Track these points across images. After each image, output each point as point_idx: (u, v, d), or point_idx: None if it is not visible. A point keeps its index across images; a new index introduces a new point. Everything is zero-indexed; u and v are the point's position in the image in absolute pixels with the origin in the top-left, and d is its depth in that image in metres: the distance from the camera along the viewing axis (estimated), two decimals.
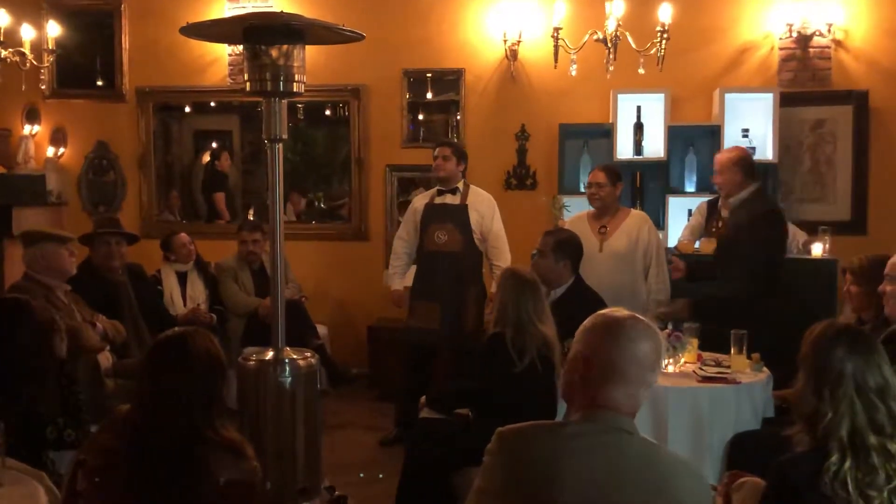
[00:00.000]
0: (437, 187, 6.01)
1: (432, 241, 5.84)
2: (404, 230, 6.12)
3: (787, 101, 6.87)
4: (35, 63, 6.04)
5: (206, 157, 8.26)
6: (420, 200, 6.08)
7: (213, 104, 8.03)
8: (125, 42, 7.72)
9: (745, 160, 5.15)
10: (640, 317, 2.20)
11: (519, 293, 4.07)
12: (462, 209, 5.83)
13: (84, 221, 7.18)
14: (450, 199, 5.90)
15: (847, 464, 2.27)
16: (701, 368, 4.45)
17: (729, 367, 4.43)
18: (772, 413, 4.31)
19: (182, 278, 6.41)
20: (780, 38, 7.01)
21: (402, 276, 6.14)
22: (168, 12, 7.35)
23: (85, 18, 7.74)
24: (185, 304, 6.30)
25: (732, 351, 4.44)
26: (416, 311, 5.92)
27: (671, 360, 4.40)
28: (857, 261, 4.17)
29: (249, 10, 7.21)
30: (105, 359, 4.73)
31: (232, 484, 2.39)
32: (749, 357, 4.45)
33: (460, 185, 5.92)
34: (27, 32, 5.95)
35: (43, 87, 7.16)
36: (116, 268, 5.33)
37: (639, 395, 2.14)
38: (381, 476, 5.05)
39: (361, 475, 5.21)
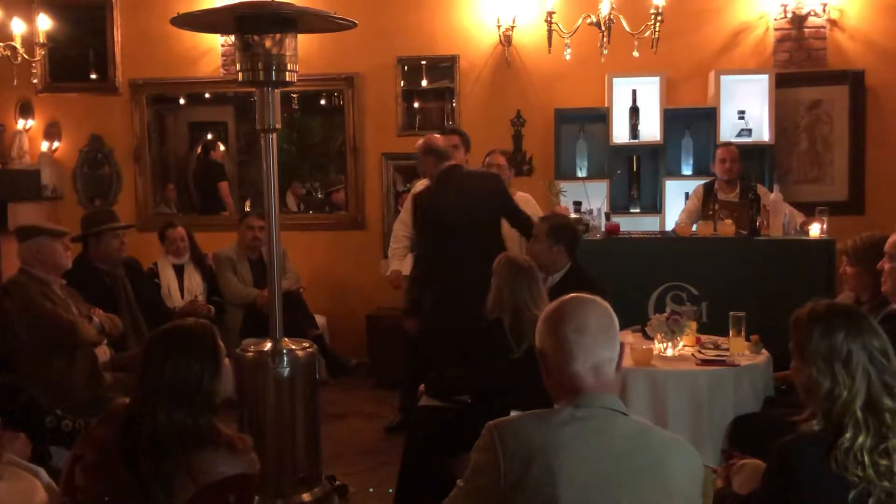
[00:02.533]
0: None
1: None
2: (405, 214, 6.15)
3: (783, 81, 6.87)
4: (26, 57, 5.99)
5: (199, 149, 8.25)
6: (419, 185, 6.09)
7: (207, 95, 8.00)
8: (117, 34, 7.68)
9: (427, 145, 5.39)
10: (583, 295, 2.23)
11: (514, 279, 4.06)
12: None
13: (80, 215, 7.15)
14: None
15: (861, 437, 2.28)
16: (700, 351, 4.45)
17: (728, 349, 4.43)
18: (772, 394, 4.31)
19: (179, 271, 6.40)
20: (775, 19, 6.98)
21: (401, 259, 6.16)
22: (160, 3, 7.28)
23: (76, 11, 7.68)
24: (182, 297, 6.30)
25: (731, 333, 4.44)
26: (409, 293, 5.97)
27: (669, 344, 4.39)
28: (851, 242, 4.17)
29: None
30: (103, 352, 4.71)
31: (229, 476, 2.38)
32: (748, 339, 4.45)
33: None
34: (17, 26, 5.90)
35: (35, 81, 7.13)
36: (122, 260, 5.32)
37: (605, 368, 2.14)
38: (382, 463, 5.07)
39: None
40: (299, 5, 3.75)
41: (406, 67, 7.47)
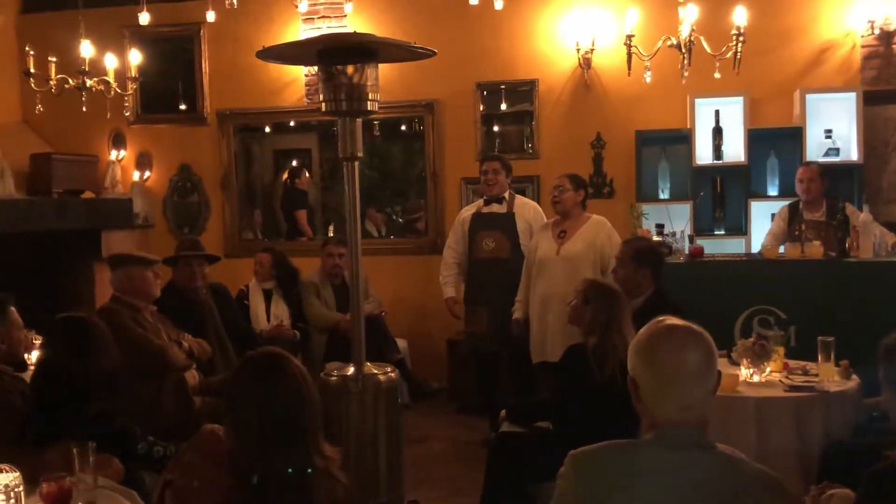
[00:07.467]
0: (485, 198, 6.19)
1: (480, 248, 6.05)
2: (452, 239, 6.33)
3: (871, 99, 6.71)
4: (119, 91, 6.21)
5: (285, 176, 8.42)
6: (467, 210, 6.32)
7: (291, 124, 8.18)
8: (205, 66, 7.92)
9: None
10: (682, 323, 2.11)
11: (601, 304, 4.04)
12: (509, 217, 6.05)
13: (170, 243, 7.34)
14: (496, 207, 6.11)
15: None
16: (788, 377, 4.35)
17: (817, 375, 4.32)
18: (863, 422, 4.17)
19: (268, 296, 6.54)
20: (862, 36, 6.84)
21: (454, 285, 6.32)
22: (245, 36, 7.52)
23: (165, 45, 7.96)
24: (268, 321, 6.42)
25: (820, 358, 4.32)
26: (468, 317, 6.17)
27: (756, 369, 4.30)
28: None
29: (324, 30, 7.33)
30: (192, 377, 4.82)
31: None
32: (837, 364, 4.33)
33: (506, 195, 6.12)
34: (110, 61, 6.13)
35: (127, 113, 7.39)
36: (199, 288, 5.44)
37: (697, 407, 2.05)
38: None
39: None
40: (380, 36, 3.82)
41: (485, 92, 7.51)
